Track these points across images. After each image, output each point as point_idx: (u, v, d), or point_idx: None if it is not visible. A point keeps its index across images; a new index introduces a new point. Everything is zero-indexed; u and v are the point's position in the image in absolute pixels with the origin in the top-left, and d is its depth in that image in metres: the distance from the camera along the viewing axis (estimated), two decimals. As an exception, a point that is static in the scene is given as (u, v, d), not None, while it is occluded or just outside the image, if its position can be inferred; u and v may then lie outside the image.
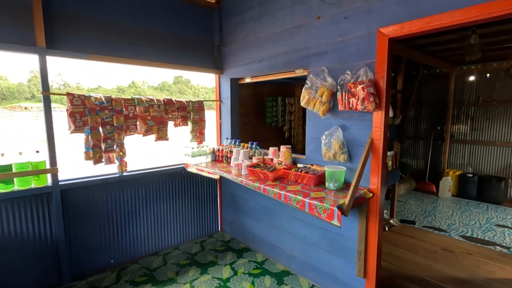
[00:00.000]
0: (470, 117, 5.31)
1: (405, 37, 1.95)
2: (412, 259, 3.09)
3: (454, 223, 4.08)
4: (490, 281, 2.69)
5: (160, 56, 3.10)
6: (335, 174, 2.18)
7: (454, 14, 1.67)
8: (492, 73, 4.99)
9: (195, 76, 51.89)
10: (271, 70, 2.91)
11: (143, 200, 3.12)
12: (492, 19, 1.59)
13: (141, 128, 2.86)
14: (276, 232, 3.06)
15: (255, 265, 3.03)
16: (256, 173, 2.57)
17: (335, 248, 2.49)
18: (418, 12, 1.82)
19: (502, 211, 4.53)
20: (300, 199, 2.03)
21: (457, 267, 2.92)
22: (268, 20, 2.89)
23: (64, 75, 43.82)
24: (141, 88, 42.79)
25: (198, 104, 3.33)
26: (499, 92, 4.90)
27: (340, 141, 2.27)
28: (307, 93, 2.39)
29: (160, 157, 9.48)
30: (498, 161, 5.13)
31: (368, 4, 2.07)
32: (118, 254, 2.97)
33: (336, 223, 1.83)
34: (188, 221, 3.53)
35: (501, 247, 3.38)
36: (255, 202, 3.26)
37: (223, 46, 3.51)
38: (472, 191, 5.04)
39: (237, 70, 3.34)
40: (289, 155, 2.68)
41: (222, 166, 3.07)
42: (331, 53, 2.34)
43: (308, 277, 2.76)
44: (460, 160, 5.54)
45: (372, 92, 1.99)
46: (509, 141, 4.97)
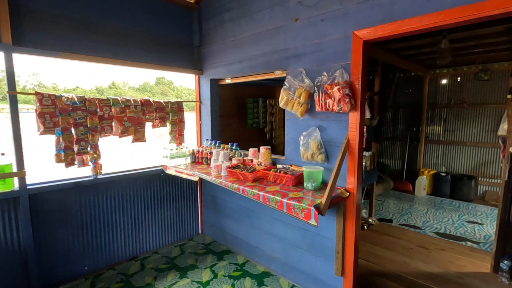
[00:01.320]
0: (443, 118, 5.55)
1: (379, 40, 2.01)
2: (389, 256, 3.18)
3: (429, 220, 4.23)
4: (461, 275, 2.81)
5: (138, 56, 3.03)
6: (312, 174, 2.21)
7: (423, 18, 1.74)
8: (462, 77, 5.24)
9: (178, 77, 51.15)
10: (251, 71, 2.91)
11: (119, 203, 3.02)
12: (457, 24, 1.67)
13: (117, 129, 2.77)
14: (257, 233, 3.05)
15: (236, 267, 3.00)
16: (235, 174, 2.55)
17: (314, 248, 2.51)
18: (391, 16, 1.88)
19: (473, 208, 4.75)
20: (279, 199, 2.04)
21: (431, 263, 3.03)
22: (247, 22, 2.89)
23: (40, 75, 41.91)
24: (122, 89, 41.66)
25: (177, 105, 3.28)
26: (468, 95, 5.16)
27: (318, 142, 2.29)
28: (286, 94, 2.41)
29: (138, 159, 9.26)
30: (469, 161, 5.39)
31: (344, 8, 2.12)
32: (92, 260, 2.86)
33: (313, 222, 1.84)
34: (167, 224, 3.45)
35: (472, 242, 3.54)
36: (236, 203, 3.24)
37: (202, 47, 3.47)
38: (445, 189, 5.26)
39: (217, 71, 3.32)
40: (269, 156, 2.69)
41: (202, 168, 3.03)
42: (309, 55, 2.37)
43: (288, 278, 2.77)
44: (434, 160, 5.77)
45: (348, 93, 2.03)
46: (479, 141, 5.23)
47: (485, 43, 3.58)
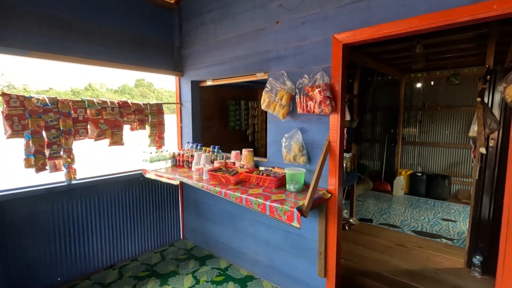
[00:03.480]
0: (418, 121, 5.78)
1: (358, 43, 2.06)
2: (369, 255, 3.24)
3: (407, 219, 4.37)
4: (437, 271, 2.91)
5: (116, 56, 2.92)
6: (295, 176, 2.21)
7: (399, 23, 1.79)
8: (435, 81, 5.49)
9: (158, 79, 50.17)
10: (233, 73, 2.89)
11: (96, 210, 2.89)
12: (430, 29, 1.74)
13: (93, 132, 2.66)
14: (240, 237, 3.02)
15: (218, 272, 2.95)
16: (217, 178, 2.51)
17: (297, 250, 2.51)
18: (369, 20, 1.93)
19: (447, 206, 4.97)
20: (261, 202, 2.02)
21: (410, 261, 3.12)
22: (229, 23, 2.87)
23: (9, 75, 39.69)
24: (99, 91, 40.31)
25: (157, 107, 3.19)
26: (441, 98, 5.40)
27: (300, 144, 2.31)
28: (267, 96, 2.40)
29: (116, 163, 8.96)
30: (442, 161, 5.64)
31: (324, 11, 2.15)
32: (66, 270, 2.71)
33: (296, 224, 1.84)
34: (147, 230, 3.34)
35: (446, 239, 3.68)
36: (218, 207, 3.20)
37: (183, 48, 3.41)
38: (421, 188, 5.46)
39: (198, 72, 3.27)
40: (251, 158, 2.67)
41: (183, 171, 2.96)
42: (290, 57, 2.38)
43: (272, 281, 2.76)
44: (411, 161, 5.99)
45: (328, 95, 2.05)
46: (451, 143, 5.49)
47: (455, 49, 3.77)
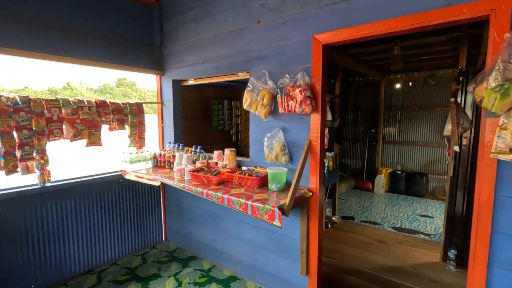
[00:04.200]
0: (398, 120, 5.96)
1: (337, 44, 2.09)
2: (351, 252, 3.31)
3: (387, 216, 4.49)
4: (416, 266, 3.01)
5: (94, 54, 2.82)
6: (277, 176, 2.22)
7: (377, 25, 1.83)
8: (413, 82, 5.68)
9: (141, 78, 49.13)
10: (215, 72, 2.87)
11: (72, 213, 2.78)
12: (406, 31, 1.79)
13: (69, 132, 2.56)
14: (223, 237, 2.99)
15: (201, 274, 2.91)
16: (199, 178, 2.48)
17: (280, 249, 2.52)
18: (348, 21, 1.96)
19: (425, 202, 5.14)
20: (243, 202, 2.01)
21: (389, 256, 3.20)
22: (210, 22, 2.84)
23: (-20, 73, 37.65)
24: (78, 90, 38.98)
25: (137, 106, 3.12)
26: (419, 98, 5.60)
27: (281, 143, 2.31)
28: (249, 96, 2.40)
29: (95, 164, 8.68)
30: (420, 159, 5.84)
31: (305, 12, 2.17)
32: (41, 277, 2.59)
33: (277, 223, 1.84)
34: (127, 233, 3.25)
35: (424, 234, 3.81)
36: (201, 208, 3.16)
37: (164, 46, 3.35)
38: (401, 186, 5.64)
39: (180, 71, 3.22)
40: (234, 158, 2.66)
41: (164, 172, 2.91)
42: (272, 57, 2.39)
43: (255, 281, 2.75)
44: (391, 159, 6.16)
45: (309, 95, 2.07)
46: (428, 141, 5.69)
47: (431, 51, 3.91)
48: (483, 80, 1.44)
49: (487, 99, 1.42)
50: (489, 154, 1.52)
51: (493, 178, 1.52)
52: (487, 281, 1.59)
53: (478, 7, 1.50)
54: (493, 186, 1.53)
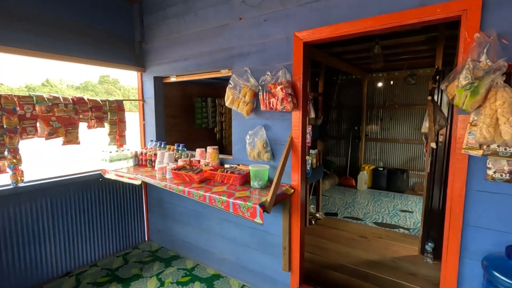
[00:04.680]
0: (380, 118, 6.10)
1: (317, 41, 2.11)
2: (334, 248, 3.36)
3: (369, 211, 4.59)
4: (395, 259, 3.09)
5: (72, 49, 2.72)
6: (259, 173, 2.22)
7: (355, 23, 1.86)
8: (394, 81, 5.82)
9: (125, 75, 47.95)
10: (197, 69, 2.83)
11: (49, 214, 2.68)
12: (384, 30, 1.83)
13: (43, 130, 2.46)
14: (206, 236, 2.98)
15: (184, 273, 2.89)
16: (181, 176, 2.45)
17: (263, 246, 2.53)
18: (328, 19, 1.98)
19: (405, 198, 5.30)
20: (225, 199, 2.01)
21: (370, 251, 3.28)
22: (192, 18, 2.80)
23: (-50, 69, 35.59)
24: (58, 87, 37.63)
25: (117, 103, 3.04)
26: (399, 97, 5.75)
27: (264, 140, 2.32)
28: (231, 93, 2.38)
29: (74, 163, 8.41)
30: (401, 156, 6.00)
31: (285, 9, 2.17)
32: (15, 281, 2.49)
33: (259, 220, 1.85)
34: (108, 234, 3.17)
35: (404, 229, 3.93)
36: (184, 207, 3.12)
37: (145, 42, 3.28)
38: (383, 182, 5.78)
39: (161, 68, 3.16)
40: (216, 156, 2.64)
41: (145, 171, 2.85)
42: (254, 54, 2.38)
43: (239, 278, 2.75)
44: (373, 156, 6.30)
45: (290, 92, 2.08)
46: (409, 139, 5.86)
47: (410, 51, 4.02)
48: (454, 79, 1.49)
49: (458, 97, 1.47)
50: (460, 150, 1.58)
51: (464, 173, 1.58)
52: (458, 272, 1.66)
53: (450, 8, 1.55)
54: (464, 180, 1.59)
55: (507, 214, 1.50)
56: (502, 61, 1.33)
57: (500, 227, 1.53)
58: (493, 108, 1.38)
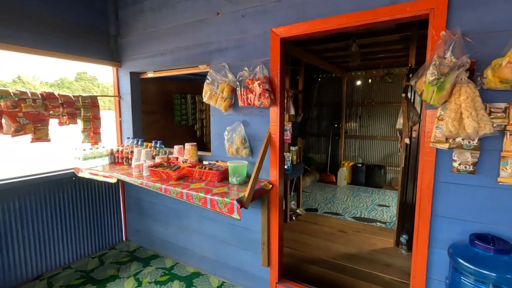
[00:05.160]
0: (358, 116, 6.25)
1: (294, 38, 2.12)
2: (314, 243, 3.42)
3: (348, 207, 4.70)
4: (372, 252, 3.19)
5: (41, 42, 2.58)
6: (237, 169, 2.21)
7: (330, 20, 1.89)
8: (372, 79, 5.98)
9: (103, 72, 46.38)
10: (174, 64, 2.78)
11: (17, 215, 2.55)
12: (357, 27, 1.86)
13: (9, 127, 2.33)
14: (185, 234, 2.94)
15: (163, 272, 2.84)
16: (158, 173, 2.40)
17: (242, 242, 2.53)
18: (303, 16, 2.00)
19: (383, 193, 5.47)
20: (202, 196, 1.98)
21: (349, 245, 3.36)
22: (169, 12, 2.74)
23: None
24: (31, 84, 35.87)
25: (91, 99, 2.93)
26: (377, 95, 5.91)
27: (242, 136, 2.31)
28: (209, 89, 2.36)
29: (45, 162, 8.04)
30: (379, 152, 6.18)
31: (263, 5, 2.17)
32: (-21, 287, 2.35)
33: (236, 216, 1.84)
34: (83, 235, 3.06)
35: (380, 222, 4.06)
36: (163, 205, 3.06)
37: (120, 37, 3.17)
38: (361, 178, 5.93)
39: (138, 63, 3.08)
40: (194, 152, 2.60)
41: (122, 169, 2.77)
42: (231, 50, 2.37)
43: (218, 275, 2.74)
44: (352, 153, 6.46)
45: (268, 88, 2.09)
46: (386, 136, 6.04)
47: (386, 50, 4.14)
48: (422, 75, 1.55)
49: (426, 92, 1.53)
50: (429, 144, 1.64)
51: (432, 166, 1.65)
52: (428, 260, 1.73)
53: (419, 6, 1.61)
54: (433, 172, 1.66)
55: (471, 204, 1.58)
56: (465, 58, 1.39)
57: (464, 217, 1.60)
58: (457, 103, 1.44)
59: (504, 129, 1.44)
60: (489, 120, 1.40)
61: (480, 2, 1.48)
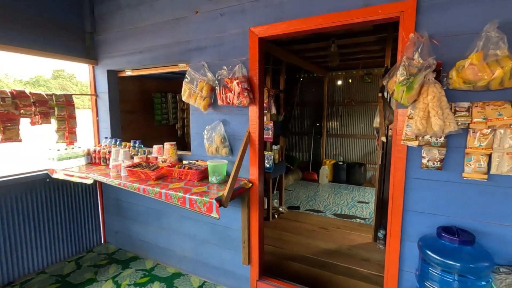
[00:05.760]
0: (339, 115, 6.38)
1: (273, 37, 2.14)
2: (295, 240, 3.47)
3: (329, 204, 4.80)
4: (351, 247, 3.27)
5: (13, 38, 2.47)
6: (217, 168, 2.21)
7: (307, 21, 1.93)
8: (352, 79, 6.12)
9: (82, 70, 44.81)
10: (152, 62, 2.74)
11: (-15, 219, 2.43)
12: (333, 28, 1.91)
13: (-24, 126, 2.22)
14: (166, 234, 2.90)
15: (143, 273, 2.79)
16: (136, 174, 2.36)
17: (223, 241, 2.53)
18: (281, 16, 2.03)
19: (362, 190, 5.62)
20: (181, 195, 1.97)
21: (329, 241, 3.43)
22: (147, 10, 2.69)
23: None
24: (4, 82, 34.10)
25: (65, 98, 2.83)
26: (356, 94, 6.06)
27: (222, 135, 2.31)
28: (188, 88, 2.34)
29: (16, 163, 7.66)
30: (359, 151, 6.35)
31: (241, 4, 2.18)
32: None
33: (215, 215, 1.85)
34: (58, 238, 2.96)
35: (360, 218, 4.17)
36: (143, 206, 3.01)
37: (96, 33, 3.09)
38: (342, 176, 6.07)
39: (115, 61, 3.00)
40: (174, 152, 2.58)
41: (99, 169, 2.70)
42: (210, 49, 2.36)
43: (199, 275, 2.73)
44: (334, 151, 6.59)
45: (246, 87, 2.10)
46: (366, 134, 6.21)
47: (365, 50, 4.25)
48: (393, 75, 1.61)
49: (396, 92, 1.59)
50: (400, 141, 1.71)
51: (404, 162, 1.72)
52: (400, 253, 1.80)
53: (390, 9, 1.67)
54: (404, 169, 1.73)
55: (439, 198, 1.66)
56: (432, 59, 1.46)
57: (433, 211, 1.68)
58: (425, 102, 1.51)
59: (468, 127, 1.53)
60: (453, 118, 1.48)
61: (445, 7, 1.55)
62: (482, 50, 1.39)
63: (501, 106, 1.45)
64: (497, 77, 1.36)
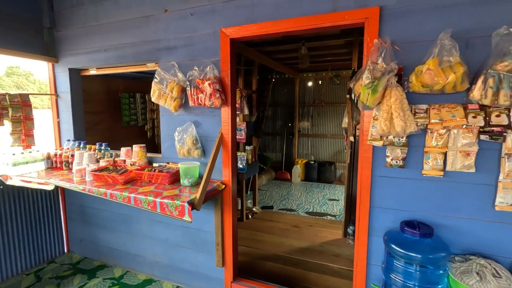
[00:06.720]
0: (310, 115, 6.55)
1: (244, 39, 2.15)
2: (269, 239, 3.50)
3: (301, 202, 4.91)
4: (323, 244, 3.38)
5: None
6: (189, 170, 2.17)
7: (278, 23, 1.96)
8: (322, 81, 6.31)
9: (40, 67, 41.72)
10: (119, 61, 2.62)
11: None
12: (303, 31, 1.96)
13: None
14: (136, 240, 2.79)
15: (112, 282, 2.66)
16: (103, 178, 2.24)
17: (196, 244, 2.49)
18: (252, 18, 2.04)
19: (333, 188, 5.82)
20: (151, 199, 1.91)
21: (302, 239, 3.51)
22: (111, 6, 2.57)
23: None
24: None
25: (21, 98, 2.62)
26: (326, 95, 6.27)
27: (193, 137, 2.27)
28: (157, 88, 2.27)
29: None
30: (329, 150, 6.56)
31: (212, 4, 2.16)
32: None
33: (187, 218, 1.81)
34: (14, 250, 2.72)
35: (331, 216, 4.31)
36: (110, 211, 2.87)
37: (56, 29, 2.89)
38: (314, 175, 6.24)
39: (78, 59, 2.83)
40: (143, 154, 2.49)
41: (61, 174, 2.53)
42: (181, 49, 2.31)
43: (172, 280, 2.66)
44: (305, 151, 6.75)
45: (218, 88, 2.08)
46: (335, 134, 6.44)
47: (334, 53, 4.41)
48: (359, 78, 1.69)
49: (362, 94, 1.66)
50: (366, 141, 1.80)
51: (370, 161, 1.81)
52: (368, 248, 1.89)
53: (356, 15, 1.75)
54: (370, 168, 1.81)
55: (401, 194, 1.77)
56: (394, 64, 1.55)
57: (397, 206, 1.79)
58: (388, 105, 1.60)
59: (426, 128, 1.64)
60: (413, 119, 1.58)
61: (405, 15, 1.66)
62: (437, 56, 1.50)
63: (454, 108, 1.57)
64: (451, 81, 1.48)
